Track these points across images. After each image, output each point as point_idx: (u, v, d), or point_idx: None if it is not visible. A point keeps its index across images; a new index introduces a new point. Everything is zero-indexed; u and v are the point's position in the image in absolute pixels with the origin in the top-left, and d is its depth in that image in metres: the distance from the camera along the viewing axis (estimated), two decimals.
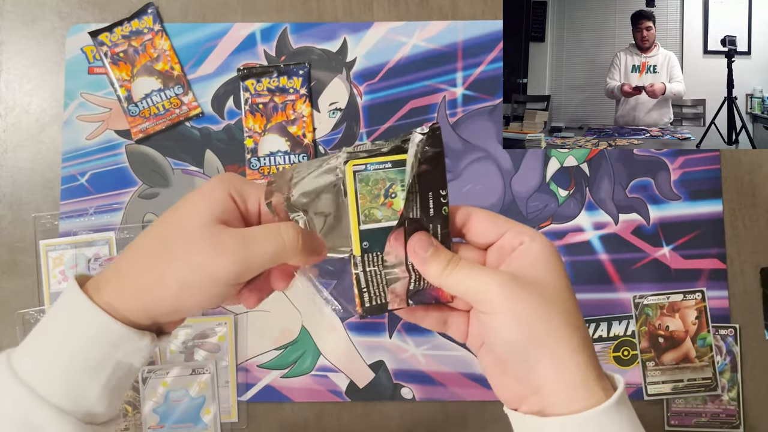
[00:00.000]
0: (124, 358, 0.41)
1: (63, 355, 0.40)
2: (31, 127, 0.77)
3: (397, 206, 0.43)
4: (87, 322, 0.40)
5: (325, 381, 0.73)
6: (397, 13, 0.79)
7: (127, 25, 0.78)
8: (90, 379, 0.40)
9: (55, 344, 0.41)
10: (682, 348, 0.73)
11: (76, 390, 0.40)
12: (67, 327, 0.41)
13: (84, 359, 0.40)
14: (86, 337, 0.40)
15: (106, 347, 0.40)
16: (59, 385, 0.40)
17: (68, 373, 0.40)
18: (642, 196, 0.76)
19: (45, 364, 0.40)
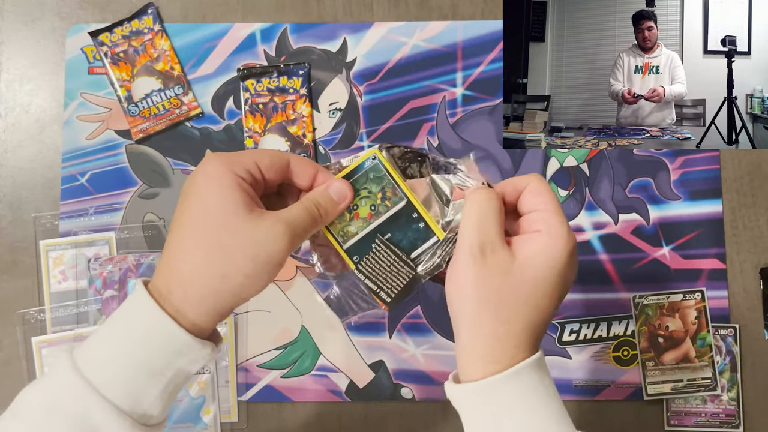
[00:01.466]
0: (185, 366, 0.42)
1: (128, 358, 0.41)
2: (31, 127, 0.77)
3: (364, 213, 0.47)
4: (156, 330, 0.41)
5: (325, 381, 0.74)
6: (397, 13, 0.79)
7: (127, 26, 0.78)
8: (150, 384, 0.41)
9: (121, 346, 0.42)
10: (682, 348, 0.73)
11: (136, 392, 0.41)
12: (135, 331, 0.42)
13: (148, 364, 0.41)
14: (153, 343, 0.41)
15: (171, 355, 0.42)
16: (121, 386, 0.41)
17: (130, 376, 0.41)
18: (642, 196, 0.76)
19: (109, 364, 0.41)
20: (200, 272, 0.41)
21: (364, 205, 0.47)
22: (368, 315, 0.50)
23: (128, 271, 0.74)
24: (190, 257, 0.42)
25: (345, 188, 0.46)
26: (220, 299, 0.42)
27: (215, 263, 0.41)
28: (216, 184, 0.42)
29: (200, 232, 0.42)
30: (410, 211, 0.47)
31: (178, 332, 0.41)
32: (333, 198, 0.46)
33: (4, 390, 0.72)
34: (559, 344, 0.74)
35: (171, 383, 0.42)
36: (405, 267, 0.47)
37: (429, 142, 0.77)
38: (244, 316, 0.74)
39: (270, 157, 0.45)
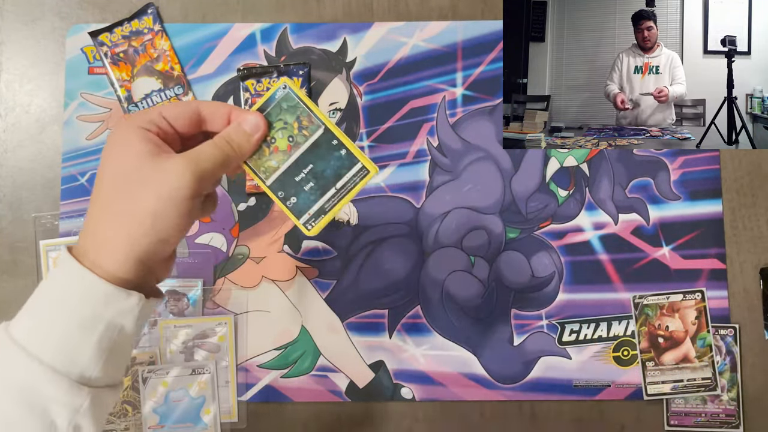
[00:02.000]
0: (114, 318, 0.42)
1: (54, 315, 0.42)
2: (31, 127, 0.77)
3: (283, 145, 0.46)
4: (76, 282, 0.42)
5: (325, 381, 0.73)
6: (397, 13, 0.79)
7: (127, 26, 0.78)
8: (82, 339, 0.42)
9: (47, 305, 0.43)
10: (682, 348, 0.73)
11: (69, 349, 0.42)
12: (57, 288, 0.43)
13: (75, 318, 0.42)
14: (75, 296, 0.42)
15: (96, 307, 0.42)
16: (52, 344, 0.41)
17: (60, 332, 0.42)
18: (642, 196, 0.76)
19: (38, 325, 0.42)
20: (109, 219, 0.43)
21: (281, 137, 0.46)
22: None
23: None
24: (100, 210, 0.43)
25: (257, 119, 0.46)
26: (133, 243, 0.42)
27: (122, 207, 0.42)
28: (121, 141, 0.44)
29: (110, 185, 0.43)
30: (330, 138, 0.46)
31: (97, 282, 0.42)
32: (246, 130, 0.46)
33: None
34: (559, 344, 0.74)
35: (105, 338, 0.42)
36: (332, 197, 0.46)
37: (429, 142, 0.77)
38: (244, 316, 0.74)
39: (176, 107, 0.46)
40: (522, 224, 0.76)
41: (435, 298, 0.74)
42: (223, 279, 0.75)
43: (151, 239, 0.43)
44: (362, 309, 0.74)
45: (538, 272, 0.75)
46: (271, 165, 0.46)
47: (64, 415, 0.41)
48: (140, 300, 0.43)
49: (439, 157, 0.76)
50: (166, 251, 0.45)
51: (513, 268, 0.75)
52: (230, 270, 0.75)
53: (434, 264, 0.75)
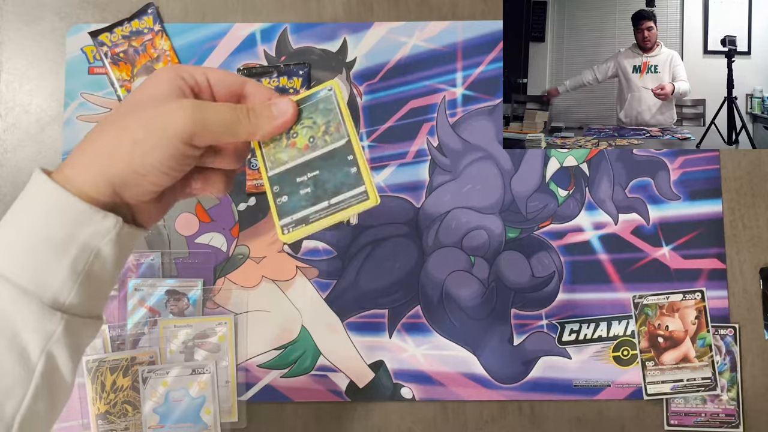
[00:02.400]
0: (89, 239, 0.40)
1: (25, 233, 0.40)
2: (31, 127, 0.77)
3: (301, 143, 0.44)
4: (46, 198, 0.40)
5: (325, 381, 0.74)
6: (397, 13, 0.79)
7: (127, 25, 0.78)
8: (54, 259, 0.39)
9: (16, 223, 0.40)
10: (682, 348, 0.73)
11: (40, 269, 0.39)
12: (27, 206, 0.41)
13: (46, 237, 0.39)
14: (46, 213, 0.40)
15: (68, 225, 0.40)
16: (21, 262, 0.39)
17: (30, 251, 0.39)
18: (642, 196, 0.76)
19: (6, 243, 0.40)
20: (95, 138, 0.41)
21: (304, 135, 0.44)
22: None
23: (128, 271, 0.74)
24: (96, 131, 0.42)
25: (288, 107, 0.44)
26: (108, 165, 0.40)
27: (112, 131, 0.41)
28: (153, 80, 0.42)
29: (117, 112, 0.42)
30: (347, 152, 0.44)
31: (68, 198, 0.39)
32: (272, 111, 0.44)
33: None
34: (559, 344, 0.74)
35: (80, 261, 0.40)
36: (321, 210, 0.43)
37: (429, 142, 0.77)
38: (245, 316, 0.74)
39: (224, 74, 0.45)
40: (522, 224, 0.76)
41: (435, 298, 0.74)
42: (223, 279, 0.75)
43: (126, 166, 0.40)
44: (362, 309, 0.74)
45: (538, 272, 0.75)
46: (281, 158, 0.45)
47: (35, 342, 0.39)
48: (117, 222, 0.41)
49: (439, 157, 0.77)
50: (143, 187, 0.42)
51: (513, 268, 0.75)
52: (230, 270, 0.75)
53: (434, 264, 0.75)
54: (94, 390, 0.72)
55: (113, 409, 0.72)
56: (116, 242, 0.41)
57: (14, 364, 0.38)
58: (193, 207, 0.76)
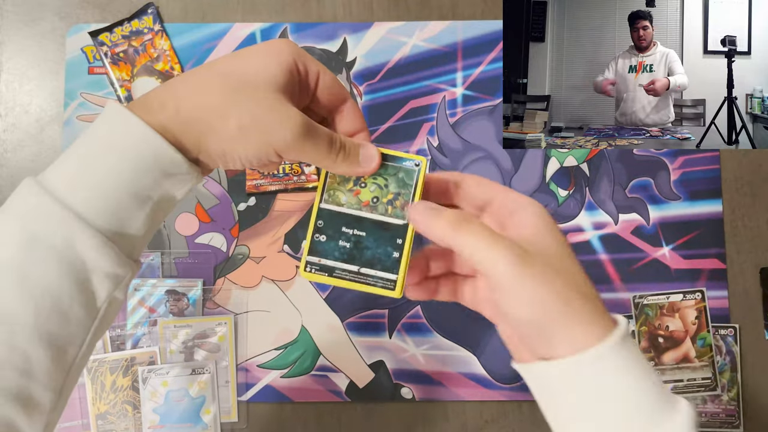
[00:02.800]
0: (171, 187, 0.39)
1: (113, 179, 0.37)
2: (31, 127, 0.77)
3: (365, 197, 0.43)
4: (144, 145, 0.37)
5: (325, 381, 0.73)
6: (397, 13, 0.79)
7: (127, 25, 0.78)
8: (137, 207, 0.38)
9: (101, 166, 0.37)
10: (682, 348, 0.73)
11: (123, 217, 0.38)
12: (116, 148, 0.38)
13: (135, 184, 0.38)
14: (139, 160, 0.37)
15: (158, 174, 0.38)
16: (105, 210, 0.37)
17: (116, 198, 0.37)
18: (642, 196, 0.76)
19: (92, 187, 0.37)
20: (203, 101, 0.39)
21: (371, 191, 0.43)
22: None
23: None
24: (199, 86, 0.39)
25: (374, 157, 0.43)
26: (208, 137, 0.38)
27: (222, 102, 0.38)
28: (274, 56, 0.41)
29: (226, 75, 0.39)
30: (400, 234, 0.43)
31: (169, 149, 0.37)
32: (359, 157, 0.42)
33: None
34: None
35: (157, 207, 0.39)
36: (348, 272, 0.42)
37: (429, 142, 0.77)
38: (244, 316, 0.74)
39: (332, 79, 0.44)
40: None
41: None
42: (223, 279, 0.74)
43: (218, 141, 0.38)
44: (362, 309, 0.74)
45: None
46: (339, 198, 0.43)
47: (104, 288, 0.38)
48: (199, 174, 0.39)
49: (439, 157, 0.76)
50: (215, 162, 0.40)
51: None
52: (230, 270, 0.75)
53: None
54: (94, 390, 0.72)
55: (113, 409, 0.72)
56: (190, 189, 0.41)
57: (80, 308, 0.38)
58: (193, 207, 0.76)
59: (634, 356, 0.39)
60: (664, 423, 0.38)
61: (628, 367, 0.38)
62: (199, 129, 0.38)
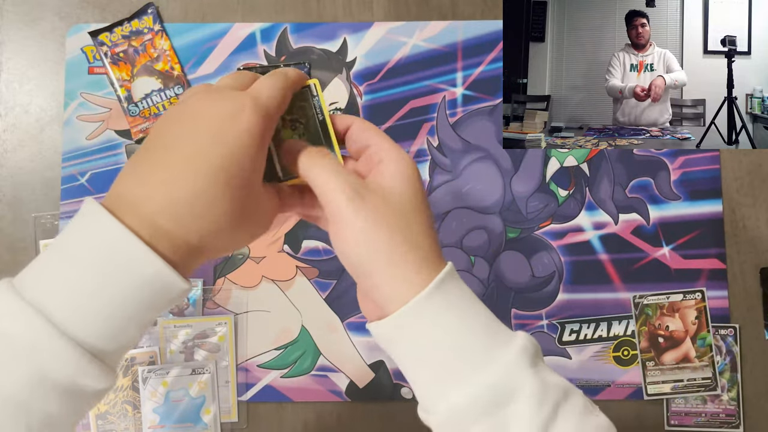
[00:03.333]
0: (168, 304, 0.38)
1: (106, 303, 0.36)
2: (31, 127, 0.77)
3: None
4: (139, 273, 0.36)
5: (325, 381, 0.73)
6: (397, 13, 0.79)
7: (127, 25, 0.78)
8: (135, 328, 0.38)
9: (96, 290, 0.36)
10: (682, 348, 0.73)
11: (119, 335, 0.37)
12: (110, 272, 0.36)
13: (130, 309, 0.36)
14: (136, 287, 0.36)
15: (159, 299, 0.37)
16: (101, 327, 0.36)
17: (112, 320, 0.36)
18: (642, 196, 0.76)
19: (86, 304, 0.36)
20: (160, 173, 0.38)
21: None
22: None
23: None
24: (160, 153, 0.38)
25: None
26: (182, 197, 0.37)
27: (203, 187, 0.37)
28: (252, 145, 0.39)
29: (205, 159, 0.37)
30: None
31: (171, 276, 0.36)
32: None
33: None
34: (559, 344, 0.74)
35: (149, 322, 0.39)
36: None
37: (429, 142, 0.77)
38: (244, 316, 0.74)
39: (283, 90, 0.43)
40: (522, 224, 0.76)
41: None
42: (223, 279, 0.74)
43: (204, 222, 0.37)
44: None
45: (538, 272, 0.75)
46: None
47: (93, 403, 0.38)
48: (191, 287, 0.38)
49: (439, 157, 0.76)
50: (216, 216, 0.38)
51: (513, 268, 0.75)
52: (230, 270, 0.75)
53: None
54: None
55: (113, 409, 0.72)
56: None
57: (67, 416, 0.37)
58: None
59: (456, 299, 0.41)
60: (497, 357, 0.40)
61: (450, 311, 0.41)
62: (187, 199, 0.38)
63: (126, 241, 0.36)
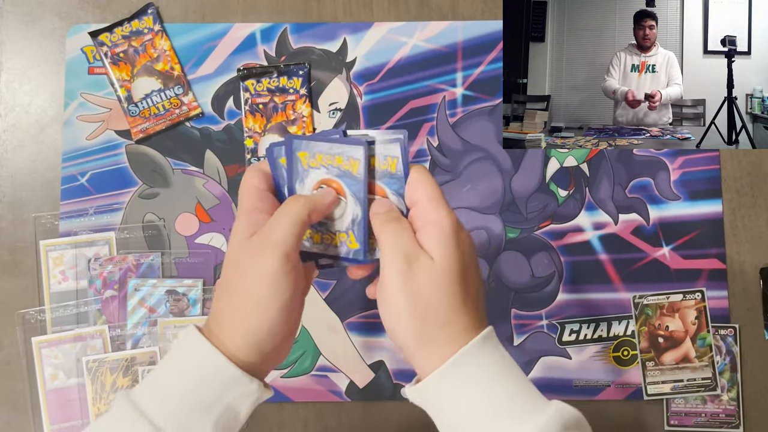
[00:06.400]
0: (233, 401, 0.43)
1: (178, 392, 0.43)
2: (32, 127, 0.77)
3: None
4: (204, 361, 0.43)
5: (325, 381, 0.74)
6: (397, 13, 0.79)
7: (127, 26, 0.78)
8: (201, 418, 0.42)
9: (171, 380, 0.43)
10: (682, 348, 0.73)
11: (187, 424, 0.42)
12: (184, 364, 0.44)
13: (198, 397, 0.42)
14: (202, 375, 0.43)
15: (219, 387, 0.43)
16: (172, 414, 0.42)
17: (182, 410, 0.42)
18: (642, 196, 0.76)
19: (161, 398, 0.43)
20: (230, 312, 0.44)
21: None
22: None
23: (128, 271, 0.74)
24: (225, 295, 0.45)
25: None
26: (251, 329, 0.43)
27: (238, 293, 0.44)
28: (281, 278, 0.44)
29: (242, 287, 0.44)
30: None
31: (225, 364, 0.42)
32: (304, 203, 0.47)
33: (4, 389, 0.72)
34: (559, 344, 0.74)
35: (221, 420, 0.43)
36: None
37: (429, 142, 0.77)
38: None
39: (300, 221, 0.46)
40: (522, 224, 0.76)
41: None
42: None
43: (262, 331, 0.43)
44: (362, 309, 0.74)
45: (538, 272, 0.75)
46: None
47: None
48: (260, 387, 0.44)
49: (439, 157, 0.77)
50: (279, 343, 0.45)
51: (513, 268, 0.75)
52: None
53: None
54: (94, 390, 0.72)
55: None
56: (254, 403, 0.44)
57: None
58: (193, 207, 0.76)
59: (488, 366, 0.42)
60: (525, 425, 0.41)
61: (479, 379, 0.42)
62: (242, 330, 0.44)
63: (197, 339, 0.44)
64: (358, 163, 0.46)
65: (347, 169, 0.46)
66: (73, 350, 0.72)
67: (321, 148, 0.46)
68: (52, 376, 0.72)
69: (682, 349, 0.73)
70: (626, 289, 0.74)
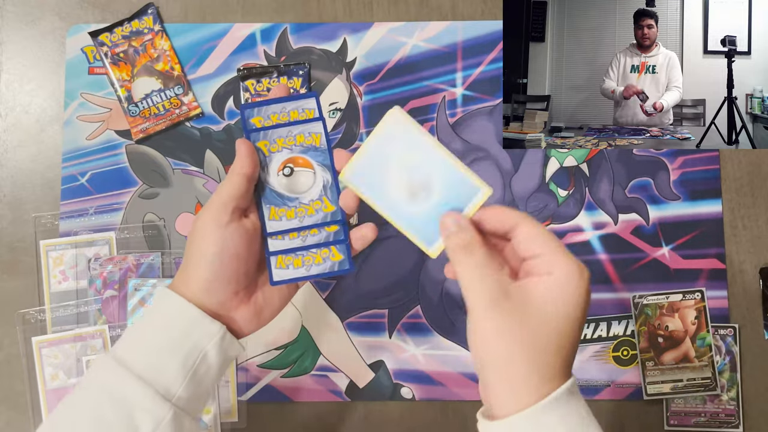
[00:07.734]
0: (198, 341, 0.48)
1: (148, 334, 0.49)
2: (32, 127, 0.77)
3: None
4: (169, 307, 0.49)
5: (325, 381, 0.74)
6: (397, 13, 0.79)
7: (127, 26, 0.78)
8: (169, 356, 0.47)
9: (142, 326, 0.50)
10: (682, 348, 0.73)
11: (157, 364, 0.47)
12: (153, 313, 0.50)
13: (164, 337, 0.48)
14: (168, 318, 0.49)
15: (183, 326, 0.48)
16: (143, 358, 0.47)
17: (150, 349, 0.48)
18: (641, 196, 0.76)
19: (133, 342, 0.49)
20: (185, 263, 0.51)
21: None
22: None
23: (128, 271, 0.74)
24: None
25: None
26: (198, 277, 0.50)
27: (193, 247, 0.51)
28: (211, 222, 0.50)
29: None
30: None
31: (185, 305, 0.48)
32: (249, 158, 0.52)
33: (4, 389, 0.72)
34: None
35: (189, 360, 0.48)
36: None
37: None
38: None
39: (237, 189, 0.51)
40: None
41: (435, 298, 0.74)
42: None
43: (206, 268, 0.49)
44: (362, 309, 0.74)
45: None
46: None
47: (147, 423, 0.45)
48: (221, 328, 0.49)
49: None
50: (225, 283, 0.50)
51: None
52: None
53: (434, 264, 0.75)
54: None
55: None
56: (220, 346, 0.49)
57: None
58: (194, 207, 0.76)
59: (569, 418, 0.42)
60: None
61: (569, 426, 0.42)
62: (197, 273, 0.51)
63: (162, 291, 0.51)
64: (320, 136, 0.51)
65: (310, 144, 0.51)
66: (74, 350, 0.72)
67: (274, 109, 0.51)
68: (52, 376, 0.72)
69: (681, 349, 0.73)
70: (626, 289, 0.74)
